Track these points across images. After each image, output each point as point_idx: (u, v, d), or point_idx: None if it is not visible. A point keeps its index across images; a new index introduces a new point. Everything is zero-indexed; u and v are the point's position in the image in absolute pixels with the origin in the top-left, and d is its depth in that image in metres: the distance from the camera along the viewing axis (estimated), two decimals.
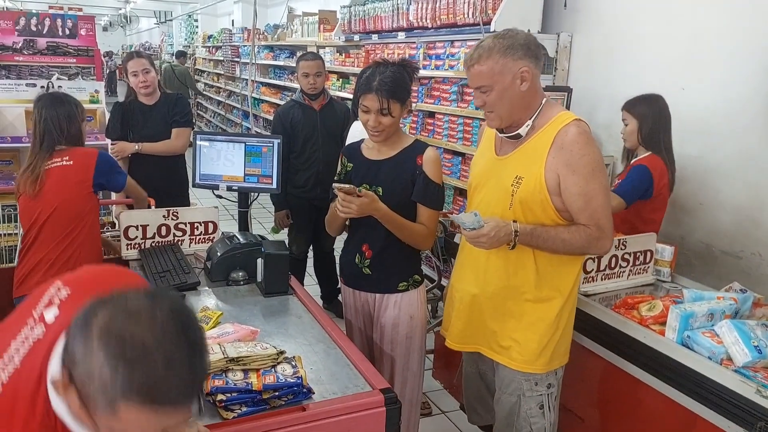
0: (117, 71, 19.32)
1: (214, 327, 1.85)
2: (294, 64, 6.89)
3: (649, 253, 2.48)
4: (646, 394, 2.02)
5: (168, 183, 3.51)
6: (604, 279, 2.39)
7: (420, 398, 2.30)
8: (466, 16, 3.89)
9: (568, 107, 3.47)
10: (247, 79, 9.42)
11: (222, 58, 11.17)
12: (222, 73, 11.31)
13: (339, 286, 2.59)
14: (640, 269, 2.47)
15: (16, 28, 7.50)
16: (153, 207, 2.91)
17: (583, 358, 2.24)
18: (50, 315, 1.00)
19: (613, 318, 2.13)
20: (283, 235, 4.09)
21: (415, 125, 4.57)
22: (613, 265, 2.40)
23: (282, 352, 1.60)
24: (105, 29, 29.61)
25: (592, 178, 1.72)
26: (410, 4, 4.50)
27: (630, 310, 2.15)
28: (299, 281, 4.07)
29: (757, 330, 1.81)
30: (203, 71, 13.20)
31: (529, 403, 1.94)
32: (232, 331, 1.77)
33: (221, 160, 2.62)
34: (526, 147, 1.82)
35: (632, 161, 2.86)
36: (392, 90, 2.04)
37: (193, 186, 2.69)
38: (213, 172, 2.65)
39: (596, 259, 2.34)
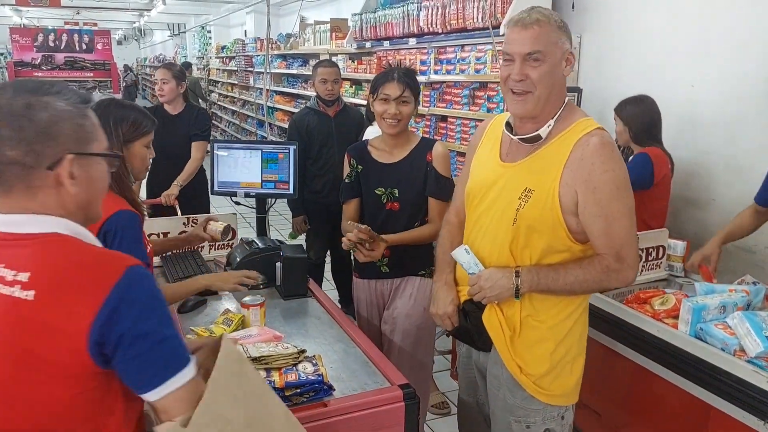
0: (135, 84, 19.64)
1: (236, 329, 1.91)
2: (307, 72, 7.01)
3: (661, 249, 2.51)
4: (660, 387, 2.04)
5: (189, 189, 3.66)
6: None
7: (429, 390, 2.35)
8: (475, 20, 3.94)
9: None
10: (261, 89, 9.56)
11: (236, 68, 11.31)
12: (236, 83, 11.46)
13: None
14: (652, 265, 2.50)
15: (35, 44, 7.74)
16: (178, 211, 3.01)
17: (598, 352, 2.28)
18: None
19: (627, 312, 2.16)
20: (301, 241, 4.15)
21: (428, 129, 4.63)
22: None
23: (302, 351, 1.65)
24: (119, 43, 30.04)
25: (615, 198, 1.51)
26: (420, 10, 4.56)
27: (642, 305, 2.18)
28: (317, 286, 4.18)
29: None
30: (217, 81, 13.37)
31: None
32: (255, 334, 1.83)
33: (239, 167, 2.69)
34: (540, 154, 1.58)
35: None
36: (411, 80, 2.19)
37: (212, 193, 2.77)
38: (231, 179, 2.73)
39: None
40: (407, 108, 2.17)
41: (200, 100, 12.10)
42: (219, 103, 13.13)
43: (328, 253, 4.19)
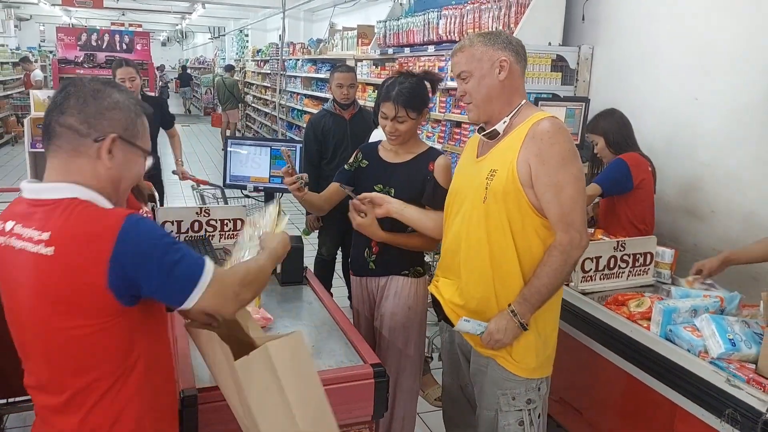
0: (166, 85, 20.22)
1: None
2: None
3: (649, 255, 2.57)
4: (633, 386, 2.12)
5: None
6: (603, 279, 2.50)
7: (418, 387, 2.43)
8: (491, 29, 4.06)
9: (585, 118, 3.58)
10: (292, 92, 9.81)
11: (269, 71, 11.60)
12: (269, 85, 11.74)
13: None
14: (639, 271, 2.57)
15: (78, 43, 8.13)
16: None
17: (578, 352, 2.36)
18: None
19: (604, 313, 2.25)
20: (314, 237, 4.33)
21: (443, 135, 4.74)
22: (612, 266, 2.50)
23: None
24: (164, 44, 30.90)
25: (562, 168, 1.70)
26: (440, 18, 4.69)
27: (620, 307, 2.26)
28: (328, 281, 4.33)
29: (735, 325, 1.90)
30: (252, 84, 13.71)
31: (507, 418, 1.88)
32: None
33: (249, 162, 2.86)
34: (501, 144, 1.82)
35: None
36: (408, 100, 2.22)
37: (225, 186, 2.95)
38: (242, 174, 2.90)
39: (594, 259, 2.45)
40: (404, 126, 2.23)
41: (239, 103, 12.60)
42: (253, 105, 13.47)
43: (340, 249, 4.32)
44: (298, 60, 9.47)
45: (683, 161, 3.28)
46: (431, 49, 4.83)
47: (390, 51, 5.64)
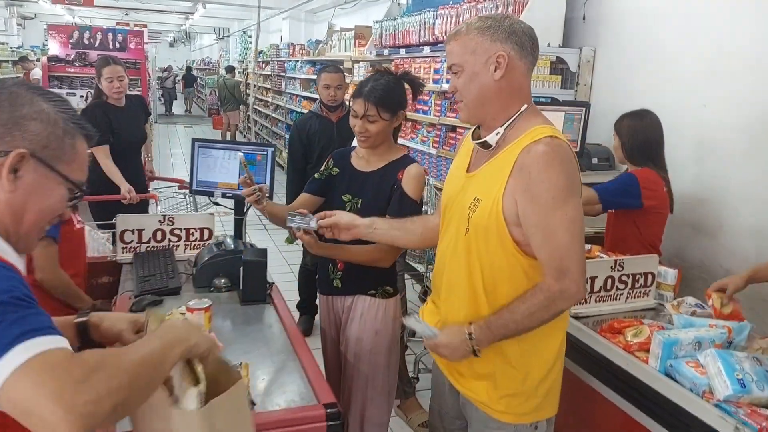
0: (179, 85, 20.15)
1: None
2: None
3: (650, 276, 2.34)
4: (626, 423, 1.89)
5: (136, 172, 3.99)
6: (599, 301, 2.26)
7: (388, 420, 2.21)
8: None
9: (585, 123, 3.34)
10: (291, 93, 9.62)
11: (270, 73, 11.43)
12: (269, 87, 11.57)
13: None
14: (640, 292, 2.33)
15: (70, 41, 7.94)
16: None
17: (565, 380, 2.13)
18: None
19: (597, 342, 2.01)
20: (298, 246, 4.11)
21: (437, 139, 4.53)
22: (608, 287, 2.27)
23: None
24: (171, 45, 30.92)
25: (553, 209, 1.41)
26: (436, 18, 4.49)
27: (616, 335, 2.02)
28: (312, 292, 4.11)
29: (745, 363, 1.66)
30: (254, 85, 13.56)
31: None
32: None
33: (218, 167, 2.66)
34: (492, 163, 1.53)
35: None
36: (380, 98, 2.02)
37: (191, 192, 2.74)
38: (209, 179, 2.69)
39: (589, 279, 2.22)
40: (374, 126, 2.01)
41: (240, 105, 12.47)
42: (255, 107, 13.30)
43: None
44: (298, 61, 9.29)
45: (690, 172, 3.04)
46: (427, 50, 4.62)
47: (386, 52, 5.43)
